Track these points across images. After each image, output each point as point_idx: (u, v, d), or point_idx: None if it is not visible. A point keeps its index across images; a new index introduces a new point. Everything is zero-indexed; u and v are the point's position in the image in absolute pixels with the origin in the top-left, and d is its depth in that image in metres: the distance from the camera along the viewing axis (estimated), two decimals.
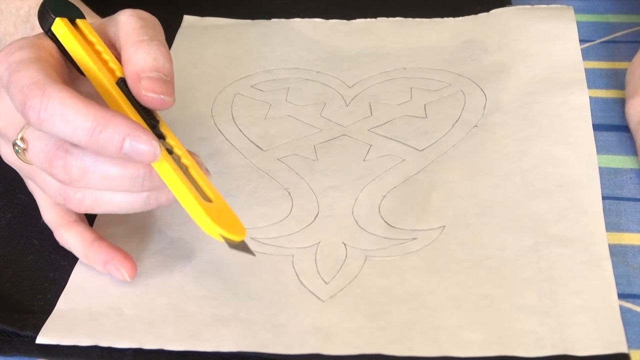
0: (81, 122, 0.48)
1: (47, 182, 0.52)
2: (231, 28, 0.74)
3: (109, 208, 0.51)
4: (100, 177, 0.49)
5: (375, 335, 0.49)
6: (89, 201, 0.51)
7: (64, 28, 0.52)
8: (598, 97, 0.65)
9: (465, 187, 0.58)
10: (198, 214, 0.48)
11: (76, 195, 0.51)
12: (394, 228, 0.55)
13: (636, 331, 0.49)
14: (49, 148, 0.50)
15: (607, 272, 0.51)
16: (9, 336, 0.51)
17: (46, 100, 0.48)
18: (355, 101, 0.66)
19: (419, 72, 0.68)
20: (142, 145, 0.48)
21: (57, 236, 0.55)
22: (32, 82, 0.48)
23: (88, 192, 0.51)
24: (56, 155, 0.49)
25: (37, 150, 0.50)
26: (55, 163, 0.49)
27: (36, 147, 0.50)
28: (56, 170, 0.50)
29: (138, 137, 0.48)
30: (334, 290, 0.52)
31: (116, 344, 0.49)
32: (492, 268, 0.52)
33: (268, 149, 0.61)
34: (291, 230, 0.56)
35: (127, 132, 0.48)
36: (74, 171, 0.49)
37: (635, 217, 0.56)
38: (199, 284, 0.53)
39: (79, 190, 0.51)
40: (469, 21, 0.73)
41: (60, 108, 0.48)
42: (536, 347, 0.48)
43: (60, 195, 0.52)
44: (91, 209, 0.51)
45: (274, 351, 0.49)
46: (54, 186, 0.52)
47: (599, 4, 0.74)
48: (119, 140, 0.48)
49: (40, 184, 0.53)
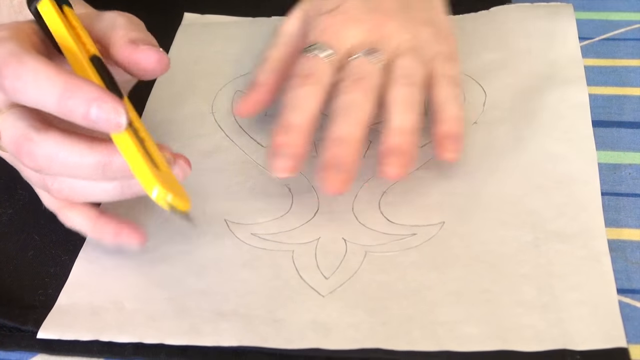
0: (51, 88, 0.48)
1: (27, 170, 0.52)
2: (232, 25, 0.74)
3: (86, 197, 0.52)
4: (63, 164, 0.50)
5: (375, 330, 0.49)
6: (67, 190, 0.51)
7: (49, 6, 0.53)
8: (597, 94, 0.65)
9: (464, 183, 0.58)
10: (149, 182, 0.48)
11: (53, 184, 0.51)
12: (394, 224, 0.56)
13: (635, 326, 0.49)
14: (17, 137, 0.50)
15: (606, 267, 0.52)
16: (10, 331, 0.51)
17: (20, 68, 0.48)
18: None
19: None
20: (108, 112, 0.48)
21: (62, 218, 0.54)
22: (9, 54, 0.49)
23: (63, 180, 0.51)
24: (22, 143, 0.50)
25: (8, 139, 0.51)
26: (22, 151, 0.50)
27: (7, 135, 0.51)
28: (24, 158, 0.50)
29: (105, 103, 0.48)
30: (334, 285, 0.52)
31: (117, 338, 0.50)
32: (491, 263, 0.52)
33: (268, 145, 0.61)
34: (291, 226, 0.56)
35: (94, 98, 0.48)
36: (39, 159, 0.50)
37: (634, 212, 0.56)
38: (199, 279, 0.53)
39: (55, 179, 0.51)
40: (468, 19, 0.73)
41: (33, 74, 0.48)
42: (535, 342, 0.48)
43: (40, 184, 0.52)
44: (70, 197, 0.52)
45: (274, 346, 0.49)
46: (33, 175, 0.52)
47: (598, 2, 0.74)
48: (86, 106, 0.48)
49: (24, 172, 0.53)
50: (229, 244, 0.55)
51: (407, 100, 0.57)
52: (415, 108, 0.57)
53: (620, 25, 0.72)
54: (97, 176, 0.50)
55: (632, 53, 0.69)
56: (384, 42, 0.59)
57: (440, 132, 0.57)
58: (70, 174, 0.50)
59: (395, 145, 0.55)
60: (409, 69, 0.58)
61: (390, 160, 0.54)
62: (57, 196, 0.52)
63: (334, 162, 0.54)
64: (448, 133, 0.57)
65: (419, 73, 0.58)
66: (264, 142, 0.62)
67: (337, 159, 0.54)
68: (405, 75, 0.58)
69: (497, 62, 0.68)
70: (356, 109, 0.56)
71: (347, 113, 0.55)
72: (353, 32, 0.60)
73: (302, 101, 0.56)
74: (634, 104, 0.64)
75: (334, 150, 0.54)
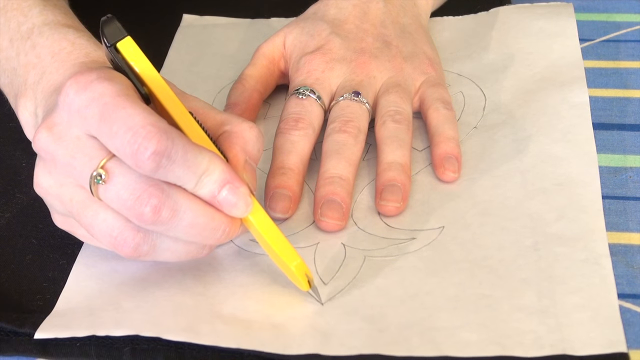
0: (197, 167, 0.47)
1: (101, 219, 0.49)
2: (230, 27, 0.74)
3: (163, 256, 0.50)
4: (186, 223, 0.48)
5: (373, 336, 0.49)
6: (147, 247, 0.49)
7: (133, 45, 0.49)
8: (598, 96, 0.65)
9: (464, 187, 0.58)
10: (289, 255, 0.50)
11: (135, 239, 0.49)
12: (393, 228, 0.55)
13: (636, 331, 0.49)
14: (141, 185, 0.47)
15: (607, 270, 0.51)
16: (8, 335, 0.51)
17: (171, 146, 0.46)
18: None
19: None
20: (238, 197, 0.48)
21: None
22: (147, 123, 0.46)
23: (150, 236, 0.49)
24: (151, 193, 0.47)
25: (122, 185, 0.47)
26: (148, 201, 0.47)
27: (121, 181, 0.47)
28: (144, 208, 0.47)
29: (236, 189, 0.48)
30: (333, 291, 0.52)
31: (113, 332, 0.49)
32: (491, 268, 0.52)
33: (268, 148, 0.61)
34: (290, 231, 0.56)
35: (227, 180, 0.48)
36: (164, 212, 0.47)
37: (635, 216, 0.56)
38: (197, 283, 0.53)
39: (140, 234, 0.49)
40: (468, 20, 0.73)
41: (183, 153, 0.47)
42: (535, 347, 0.48)
43: (113, 237, 0.49)
44: (144, 256, 0.50)
45: (272, 350, 0.48)
46: (110, 226, 0.49)
47: (599, 3, 0.74)
48: (218, 187, 0.48)
49: (90, 220, 0.49)
50: (228, 251, 0.55)
51: (397, 136, 0.58)
52: (406, 144, 0.58)
53: (622, 26, 0.71)
54: (208, 239, 0.50)
55: (633, 55, 0.68)
56: (369, 81, 0.61)
57: (438, 154, 0.59)
58: (182, 233, 0.49)
59: (390, 178, 0.56)
60: (395, 105, 0.60)
61: (387, 197, 0.56)
62: (127, 250, 0.49)
63: (329, 198, 0.55)
64: (447, 154, 0.58)
65: (406, 109, 0.60)
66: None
67: (332, 195, 0.55)
68: (393, 112, 0.60)
69: (497, 64, 0.67)
70: (347, 151, 0.57)
71: (339, 153, 0.57)
72: (338, 73, 0.62)
73: (296, 145, 0.58)
74: (635, 107, 0.64)
75: (329, 188, 0.56)
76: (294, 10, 0.69)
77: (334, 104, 0.60)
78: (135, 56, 0.49)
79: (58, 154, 0.49)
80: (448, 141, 0.59)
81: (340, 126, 0.58)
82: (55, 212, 0.52)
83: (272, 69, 0.65)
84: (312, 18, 0.65)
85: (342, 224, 0.55)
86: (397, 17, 0.65)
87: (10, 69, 0.57)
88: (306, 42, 0.64)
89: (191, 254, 0.51)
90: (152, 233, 0.49)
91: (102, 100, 0.47)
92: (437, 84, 0.63)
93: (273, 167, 0.58)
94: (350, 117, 0.59)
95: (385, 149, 0.58)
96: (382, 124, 0.59)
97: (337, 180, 0.56)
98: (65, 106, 0.48)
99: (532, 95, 0.64)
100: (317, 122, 0.60)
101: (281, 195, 0.56)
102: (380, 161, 0.58)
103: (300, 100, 0.60)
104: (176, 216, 0.48)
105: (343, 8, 0.65)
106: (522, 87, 0.65)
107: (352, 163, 0.57)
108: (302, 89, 0.61)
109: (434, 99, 0.61)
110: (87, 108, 0.47)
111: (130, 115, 0.46)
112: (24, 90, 0.55)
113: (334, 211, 0.55)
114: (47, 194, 0.51)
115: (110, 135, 0.47)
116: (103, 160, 0.48)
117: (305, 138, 0.58)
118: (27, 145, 0.63)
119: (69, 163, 0.49)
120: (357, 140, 0.58)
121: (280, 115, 0.60)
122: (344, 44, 0.63)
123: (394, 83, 0.61)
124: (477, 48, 0.69)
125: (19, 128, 0.57)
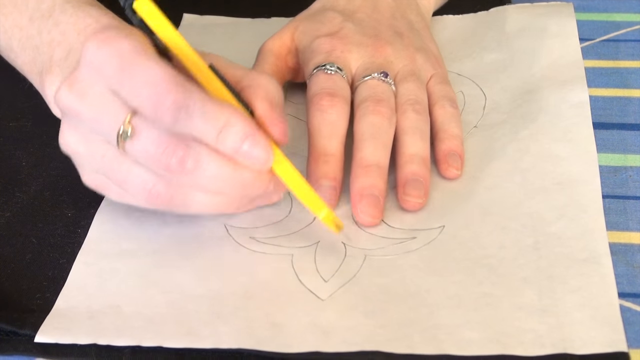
0: (216, 121, 0.48)
1: (135, 174, 0.50)
2: (231, 26, 0.74)
3: (194, 207, 0.51)
4: (210, 175, 0.49)
5: (374, 333, 0.49)
6: (179, 199, 0.51)
7: (150, 5, 0.50)
8: (598, 96, 0.65)
9: (464, 186, 0.58)
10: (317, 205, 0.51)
11: (168, 191, 0.50)
12: (394, 228, 0.55)
13: (636, 331, 0.49)
14: (166, 138, 0.49)
15: (607, 269, 0.51)
16: (8, 335, 0.51)
17: (189, 98, 0.47)
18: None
19: None
20: (260, 149, 0.49)
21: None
22: (167, 78, 0.48)
23: (180, 189, 0.50)
24: (177, 145, 0.49)
25: (149, 139, 0.49)
26: (174, 153, 0.49)
27: (148, 135, 0.49)
28: (170, 160, 0.49)
29: (257, 142, 0.49)
30: (333, 288, 0.52)
31: (115, 342, 0.49)
32: (491, 267, 0.52)
33: None
34: (290, 230, 0.56)
35: (248, 133, 0.48)
36: (188, 164, 0.49)
37: (635, 215, 0.56)
38: (198, 283, 0.53)
39: (172, 187, 0.50)
40: (468, 19, 0.73)
41: (201, 106, 0.48)
42: (535, 346, 0.48)
43: (148, 190, 0.51)
44: (177, 207, 0.51)
45: (273, 349, 0.48)
46: (143, 179, 0.50)
47: (599, 3, 0.74)
48: (239, 140, 0.48)
49: (123, 176, 0.51)
50: (228, 248, 0.55)
51: (418, 127, 0.58)
52: (426, 136, 0.58)
53: (621, 26, 0.72)
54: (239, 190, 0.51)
55: (633, 54, 0.68)
56: (387, 65, 0.61)
57: (443, 150, 0.58)
58: (208, 185, 0.50)
59: (413, 172, 0.56)
60: (414, 94, 0.59)
61: (410, 192, 0.56)
62: (162, 202, 0.51)
63: (369, 192, 0.55)
64: (451, 151, 0.58)
65: (424, 99, 0.60)
66: None
67: (371, 190, 0.55)
68: (413, 101, 0.59)
69: (497, 63, 0.67)
70: (383, 134, 0.57)
71: (375, 138, 0.56)
72: (356, 55, 0.61)
73: (335, 127, 0.57)
74: (635, 106, 0.64)
75: (368, 180, 0.55)
76: (295, 10, 0.69)
77: (360, 82, 0.59)
78: (152, 14, 0.50)
79: (83, 111, 0.50)
80: (453, 138, 0.59)
81: (374, 106, 0.57)
82: (85, 172, 0.53)
83: (279, 66, 0.64)
84: (320, 10, 0.65)
85: (379, 220, 0.55)
86: (405, 13, 0.65)
87: (31, 47, 0.57)
88: (318, 28, 0.63)
89: (222, 206, 0.52)
90: (183, 186, 0.50)
91: (122, 56, 0.48)
92: (445, 81, 0.63)
93: (314, 152, 0.57)
94: (381, 96, 0.58)
95: (407, 139, 0.57)
96: (402, 113, 0.58)
97: (374, 169, 0.55)
98: (87, 62, 0.49)
99: (532, 94, 0.64)
100: (349, 98, 0.58)
101: (326, 187, 0.55)
102: (401, 152, 0.57)
103: (329, 76, 0.59)
104: (200, 167, 0.49)
105: (352, 1, 0.64)
106: (522, 87, 0.65)
107: (387, 147, 0.57)
108: (328, 65, 0.59)
109: (441, 96, 0.61)
110: (108, 64, 0.49)
111: (149, 69, 0.48)
112: (49, 67, 0.55)
113: (373, 208, 0.55)
114: (76, 152, 0.52)
115: (130, 89, 0.48)
116: (128, 117, 0.49)
117: (343, 117, 0.57)
118: (27, 144, 0.63)
119: (96, 119, 0.50)
120: (390, 123, 0.57)
121: (308, 91, 0.59)
122: (359, 30, 0.62)
123: (409, 71, 0.61)
124: (477, 47, 0.69)
125: (19, 128, 0.57)
